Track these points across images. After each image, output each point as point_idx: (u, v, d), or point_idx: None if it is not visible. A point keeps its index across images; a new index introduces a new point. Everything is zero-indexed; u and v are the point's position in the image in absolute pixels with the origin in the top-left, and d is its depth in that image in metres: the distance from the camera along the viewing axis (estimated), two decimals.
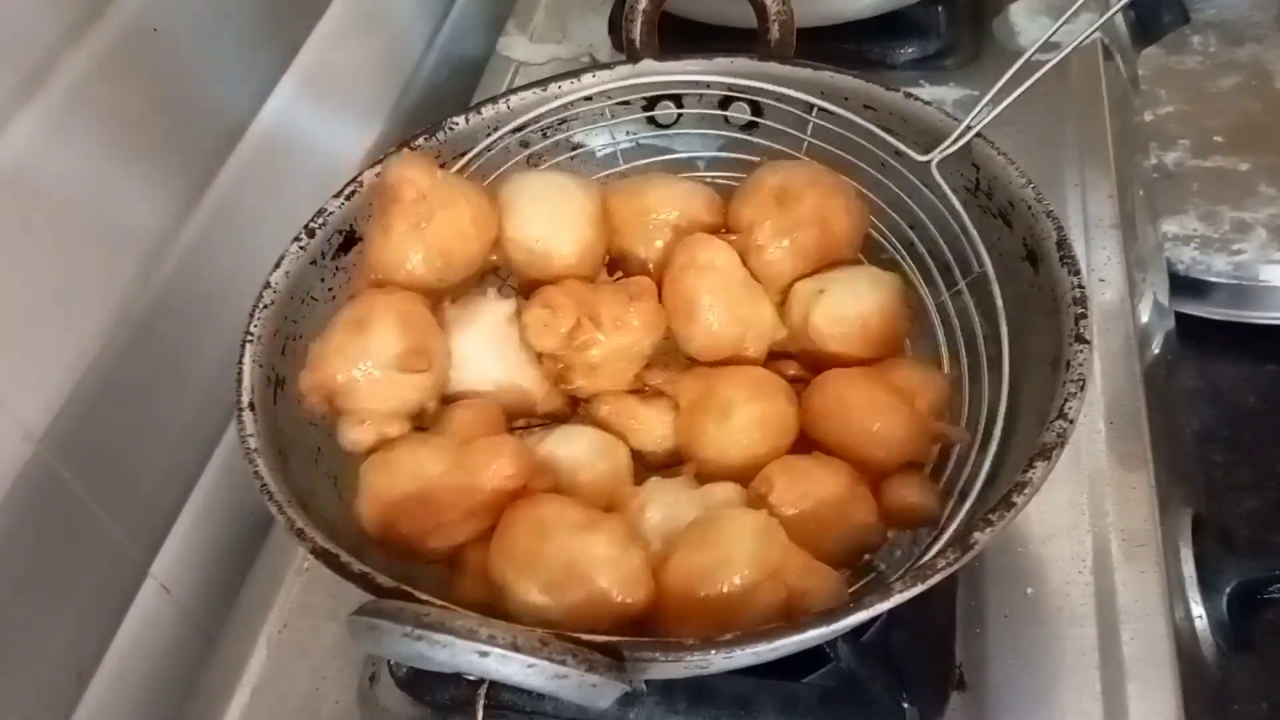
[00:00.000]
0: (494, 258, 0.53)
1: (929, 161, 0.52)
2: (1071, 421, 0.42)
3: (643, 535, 0.44)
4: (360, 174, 0.54)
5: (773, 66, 0.57)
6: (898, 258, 0.54)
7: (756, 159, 0.56)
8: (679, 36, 0.64)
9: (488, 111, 0.57)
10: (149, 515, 0.59)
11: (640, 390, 0.52)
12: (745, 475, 0.47)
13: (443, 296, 0.51)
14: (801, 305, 0.51)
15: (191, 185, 0.61)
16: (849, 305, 0.50)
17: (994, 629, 0.52)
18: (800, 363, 0.52)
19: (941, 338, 0.53)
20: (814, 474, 0.46)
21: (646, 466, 0.51)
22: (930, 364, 0.52)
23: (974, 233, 0.50)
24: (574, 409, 0.53)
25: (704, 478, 0.48)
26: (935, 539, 0.44)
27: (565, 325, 0.48)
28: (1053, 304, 0.46)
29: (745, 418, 0.48)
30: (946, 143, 0.51)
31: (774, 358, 0.52)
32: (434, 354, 0.48)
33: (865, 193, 0.54)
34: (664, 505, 0.45)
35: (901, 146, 0.53)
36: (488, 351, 0.50)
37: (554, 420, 0.52)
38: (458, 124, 0.57)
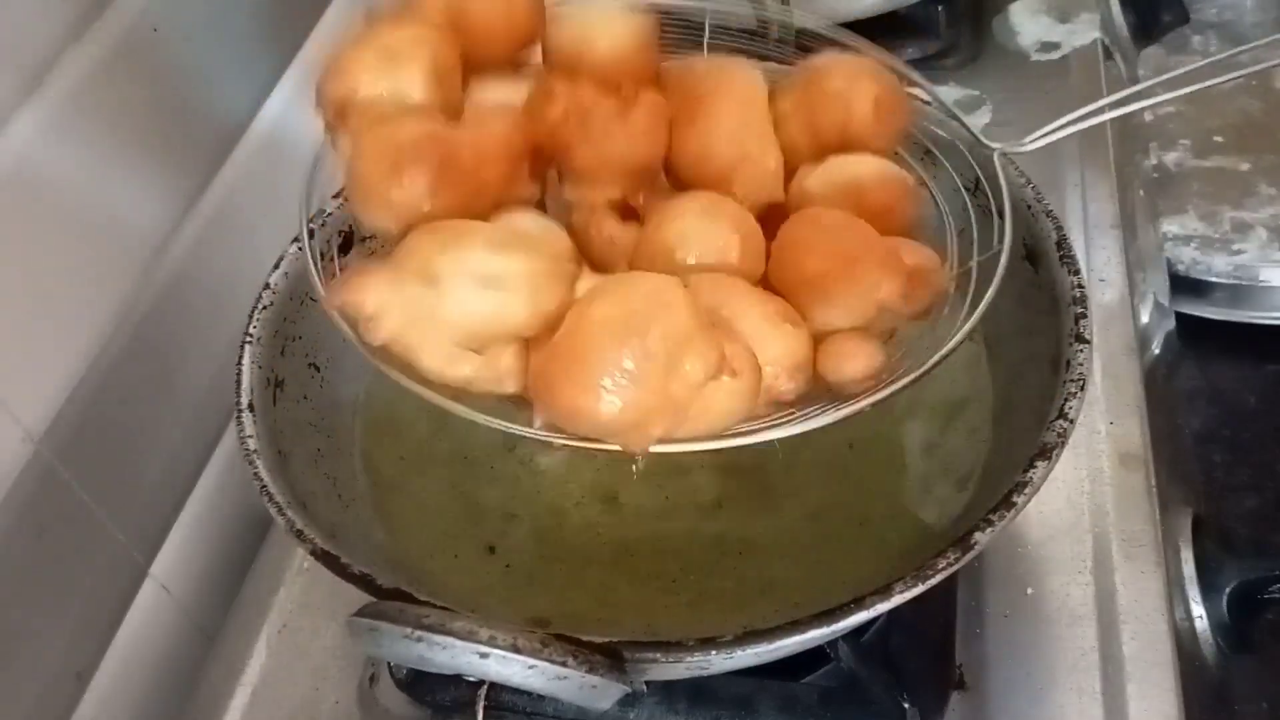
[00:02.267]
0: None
1: (997, 151, 0.48)
2: (1071, 421, 0.42)
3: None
4: None
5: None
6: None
7: None
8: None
9: None
10: (149, 515, 0.59)
11: (624, 206, 0.46)
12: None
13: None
14: (800, 175, 0.46)
15: (191, 185, 0.61)
16: (845, 169, 0.44)
17: (994, 629, 0.52)
18: None
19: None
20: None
21: None
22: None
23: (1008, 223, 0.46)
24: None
25: None
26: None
27: (552, 115, 0.43)
28: (1052, 304, 0.46)
29: (700, 244, 0.42)
30: (1036, 135, 0.47)
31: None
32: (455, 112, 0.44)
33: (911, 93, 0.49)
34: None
35: (975, 133, 0.49)
36: None
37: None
38: None
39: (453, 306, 0.38)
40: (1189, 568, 0.57)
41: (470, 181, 0.41)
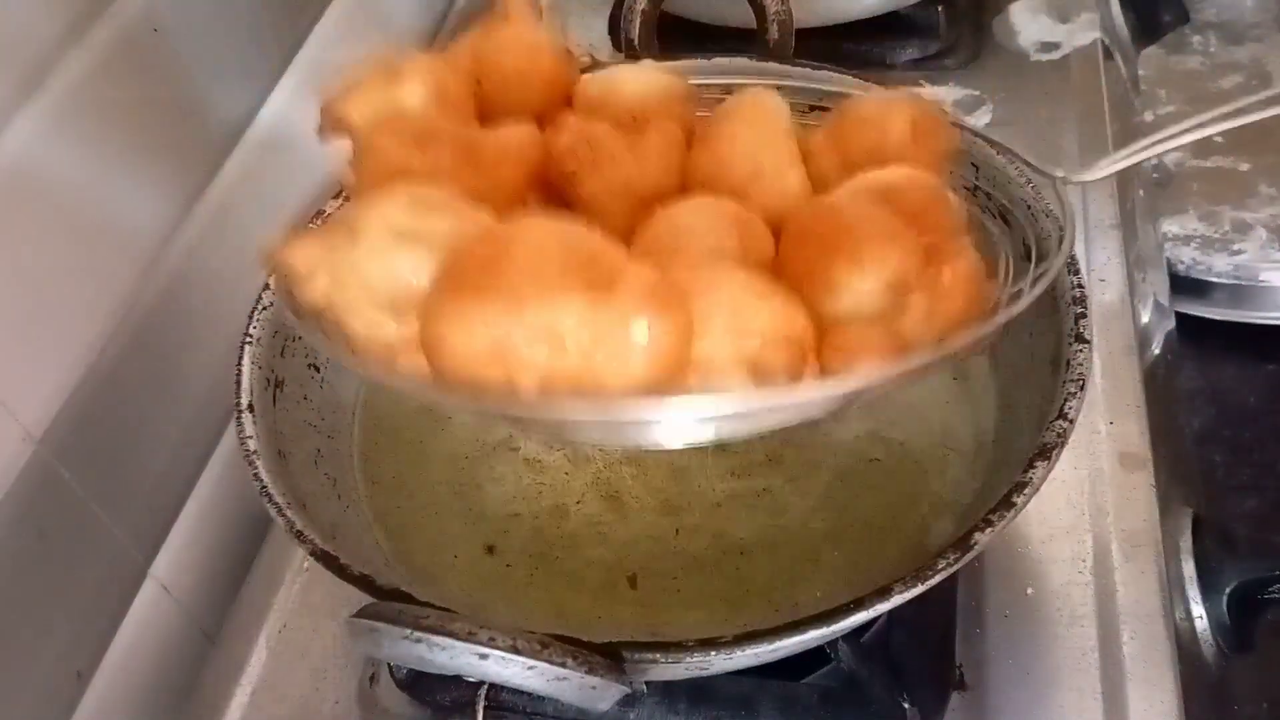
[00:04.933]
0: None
1: (1062, 180, 0.45)
2: (1071, 421, 0.42)
3: None
4: None
5: (772, 66, 0.57)
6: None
7: None
8: (679, 37, 0.64)
9: None
10: (149, 515, 0.59)
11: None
12: None
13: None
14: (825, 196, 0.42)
15: (191, 185, 0.61)
16: (873, 177, 0.40)
17: (994, 629, 0.52)
18: None
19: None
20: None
21: None
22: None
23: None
24: None
25: None
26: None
27: (561, 143, 0.41)
28: (1053, 304, 0.46)
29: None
30: (1105, 163, 0.44)
31: None
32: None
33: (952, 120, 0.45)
34: None
35: (1031, 162, 0.47)
36: None
37: None
38: None
39: (370, 263, 0.35)
40: (1189, 568, 0.57)
41: (489, 176, 0.39)
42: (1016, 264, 0.43)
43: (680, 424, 0.37)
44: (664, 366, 0.33)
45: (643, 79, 0.44)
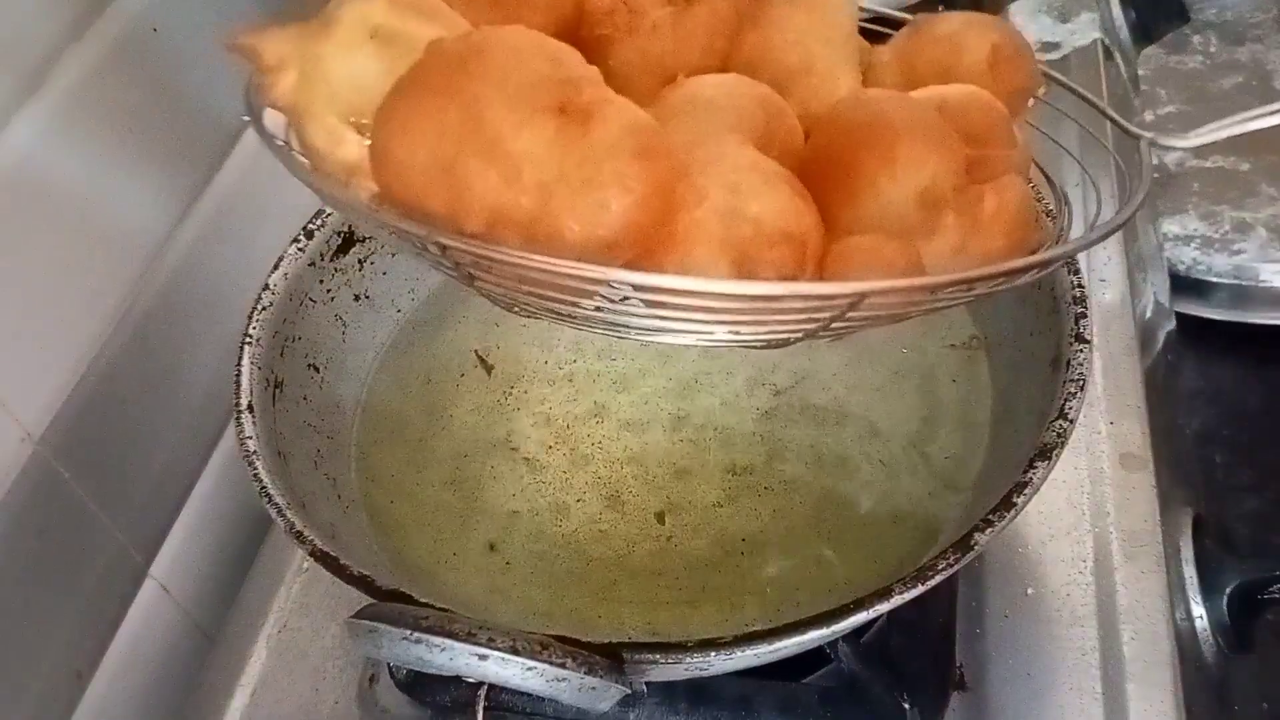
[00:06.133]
0: None
1: (1146, 139, 0.43)
2: (1071, 421, 0.42)
3: None
4: None
5: None
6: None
7: None
8: None
9: None
10: (149, 515, 0.59)
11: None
12: None
13: None
14: None
15: (191, 185, 0.61)
16: (928, 91, 0.36)
17: (994, 629, 0.52)
18: None
19: None
20: None
21: None
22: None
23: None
24: None
25: None
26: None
27: (601, 4, 0.36)
28: (1053, 304, 0.46)
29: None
30: (1202, 130, 0.42)
31: None
32: None
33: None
34: None
35: (1119, 119, 0.44)
36: None
37: None
38: None
39: (337, 60, 0.31)
40: (1189, 568, 0.57)
41: (508, 13, 0.34)
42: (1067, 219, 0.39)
43: (638, 305, 0.31)
44: (632, 227, 0.28)
45: None
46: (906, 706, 0.49)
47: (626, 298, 0.30)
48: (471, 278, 0.31)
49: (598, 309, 0.31)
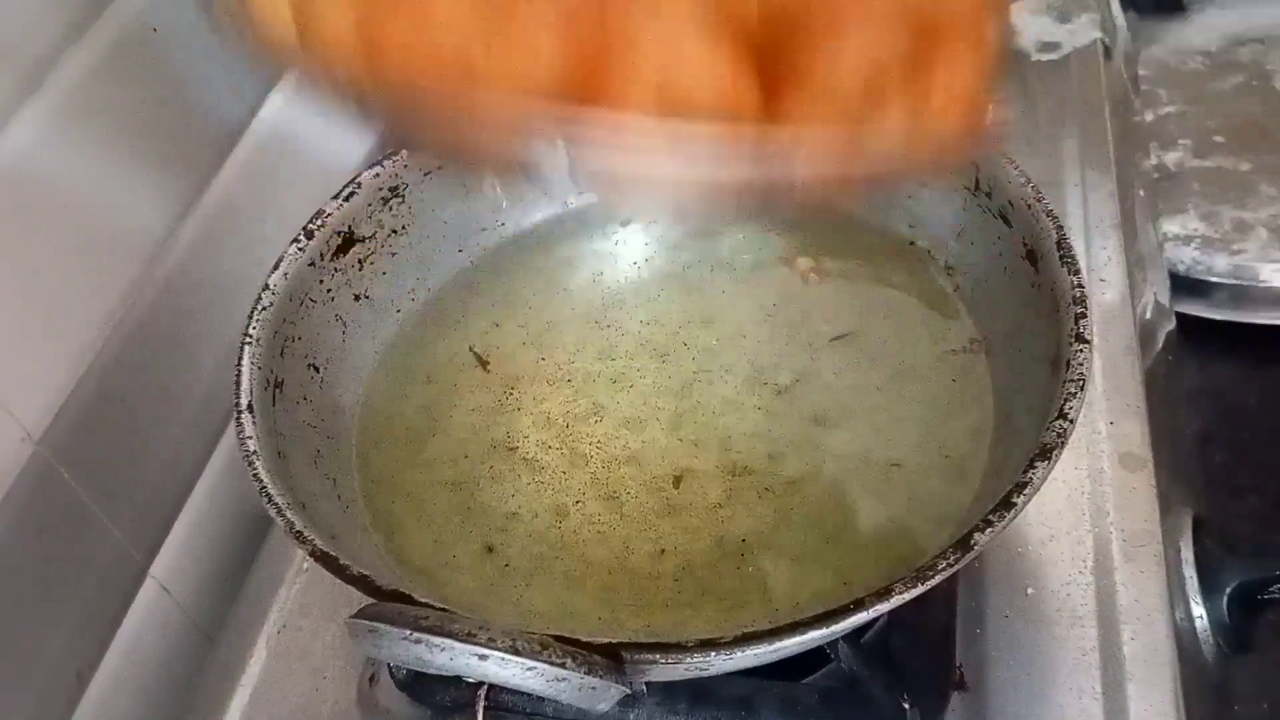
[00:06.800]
0: None
1: None
2: (1071, 421, 0.42)
3: None
4: (359, 175, 0.54)
5: None
6: None
7: None
8: None
9: None
10: (149, 515, 0.59)
11: None
12: None
13: None
14: None
15: (191, 185, 0.61)
16: None
17: (994, 629, 0.52)
18: None
19: None
20: None
21: None
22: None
23: None
24: None
25: None
26: None
27: None
28: (1053, 304, 0.46)
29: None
30: None
31: None
32: None
33: None
34: None
35: None
36: None
37: None
38: None
39: None
40: (1189, 568, 0.57)
41: None
42: None
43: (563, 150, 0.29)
44: (560, 72, 0.27)
45: None
46: (906, 706, 0.49)
47: (553, 140, 0.28)
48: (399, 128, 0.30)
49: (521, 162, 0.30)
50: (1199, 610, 0.57)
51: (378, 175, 0.53)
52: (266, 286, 0.50)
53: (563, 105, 0.27)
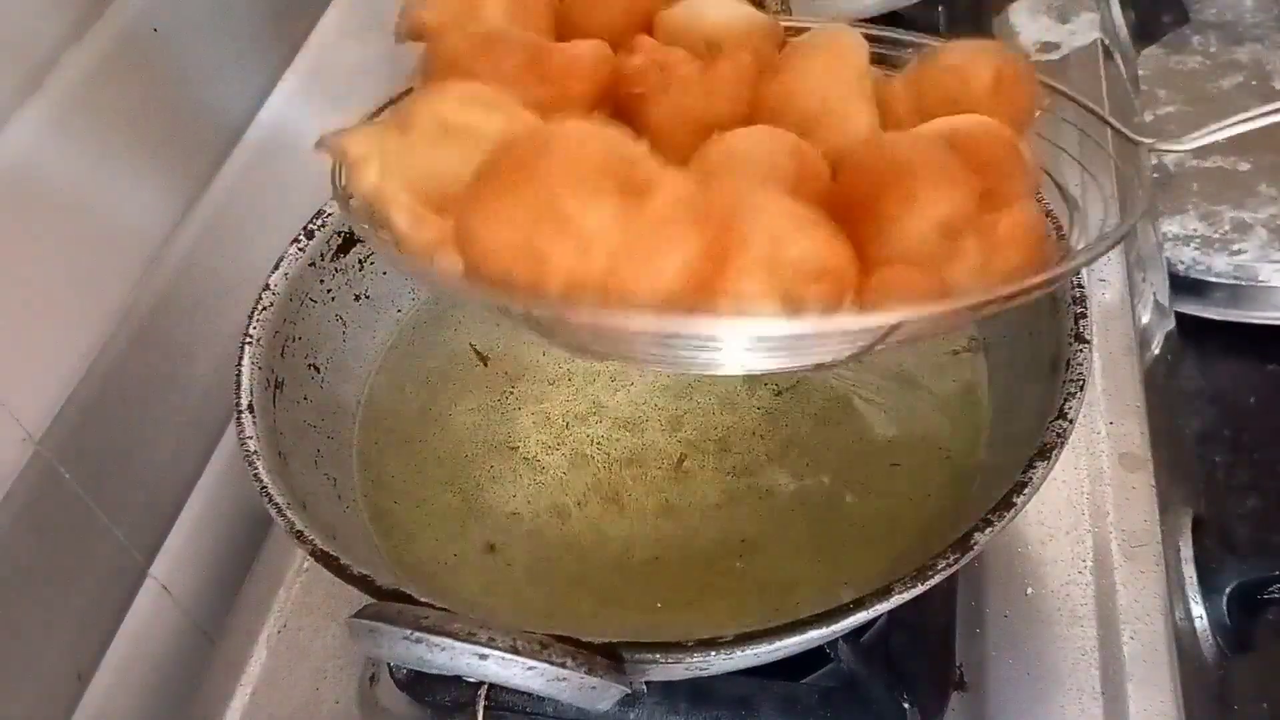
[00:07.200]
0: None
1: (1145, 144, 0.46)
2: (1071, 421, 0.42)
3: None
4: None
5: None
6: None
7: None
8: None
9: None
10: (149, 515, 0.59)
11: None
12: None
13: None
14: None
15: (191, 185, 0.61)
16: (940, 123, 0.39)
17: (994, 629, 0.52)
18: None
19: None
20: None
21: None
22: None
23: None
24: None
25: None
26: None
27: (632, 64, 0.41)
28: (1053, 304, 0.46)
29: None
30: (1196, 135, 0.45)
31: None
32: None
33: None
34: None
35: (1120, 126, 0.47)
36: None
37: None
38: None
39: (416, 154, 0.35)
40: (1189, 568, 0.57)
41: (555, 87, 0.38)
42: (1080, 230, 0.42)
43: (701, 344, 0.36)
44: (692, 282, 0.32)
45: (726, 11, 0.42)
46: (906, 706, 0.49)
47: (684, 339, 0.34)
48: (552, 333, 0.36)
49: (661, 352, 0.36)
50: (1199, 610, 0.57)
51: None
52: (267, 286, 0.50)
53: (689, 308, 0.32)
